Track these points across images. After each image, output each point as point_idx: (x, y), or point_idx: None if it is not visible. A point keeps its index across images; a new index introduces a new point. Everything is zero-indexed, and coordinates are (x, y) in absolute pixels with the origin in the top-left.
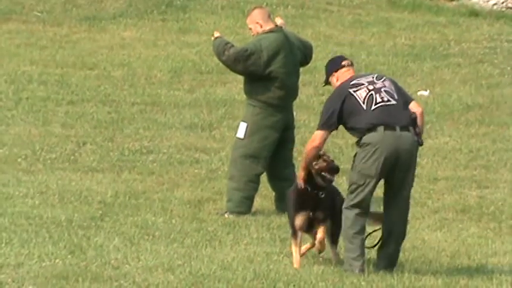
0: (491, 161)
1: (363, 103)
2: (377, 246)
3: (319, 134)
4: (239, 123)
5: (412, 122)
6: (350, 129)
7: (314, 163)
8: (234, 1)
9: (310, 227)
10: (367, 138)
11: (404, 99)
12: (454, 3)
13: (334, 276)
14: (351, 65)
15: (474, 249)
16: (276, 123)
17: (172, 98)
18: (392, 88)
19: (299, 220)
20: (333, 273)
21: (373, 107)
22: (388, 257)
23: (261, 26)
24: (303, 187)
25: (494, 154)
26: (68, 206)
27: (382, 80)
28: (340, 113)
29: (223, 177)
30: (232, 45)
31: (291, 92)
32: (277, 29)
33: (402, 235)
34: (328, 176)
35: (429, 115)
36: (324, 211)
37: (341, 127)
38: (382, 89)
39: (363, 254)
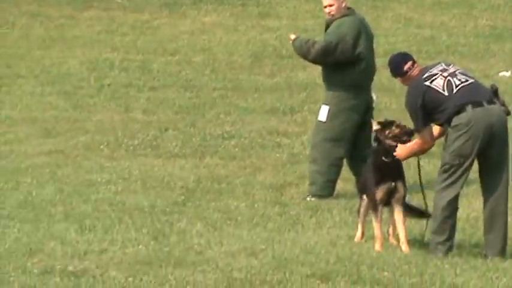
0: None
1: (443, 90)
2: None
3: (424, 134)
4: (321, 106)
5: (495, 95)
6: (437, 119)
7: (387, 132)
8: None
9: (389, 200)
10: (457, 119)
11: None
12: None
13: (417, 259)
14: (413, 64)
15: None
16: (358, 106)
17: (253, 82)
18: (465, 70)
19: (381, 192)
20: (416, 256)
21: (454, 91)
22: (496, 244)
23: (343, 4)
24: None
25: None
26: (151, 192)
27: (451, 65)
28: (425, 108)
29: (305, 161)
30: (315, 42)
31: (372, 71)
32: (351, 11)
33: (505, 216)
34: (405, 138)
35: (510, 96)
36: (403, 180)
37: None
38: (457, 72)
39: (450, 237)
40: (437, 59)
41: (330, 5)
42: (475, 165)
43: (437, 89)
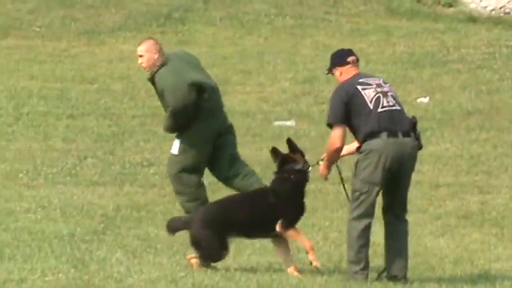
0: (493, 166)
1: (370, 103)
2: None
3: (336, 134)
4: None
5: (413, 127)
6: (353, 127)
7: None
8: (232, 12)
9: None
10: (370, 144)
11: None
12: (452, 9)
13: (337, 285)
14: (357, 61)
15: (477, 255)
16: (209, 135)
17: None
18: (396, 94)
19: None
20: (337, 282)
21: (379, 110)
22: (400, 262)
23: (157, 57)
24: (326, 180)
25: (496, 160)
26: (70, 220)
27: (388, 84)
28: (347, 108)
29: (222, 188)
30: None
31: (217, 96)
32: (165, 60)
33: (406, 235)
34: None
35: (429, 121)
36: None
37: None
38: (389, 93)
39: (367, 266)
40: None
41: (141, 56)
42: None
43: (365, 98)
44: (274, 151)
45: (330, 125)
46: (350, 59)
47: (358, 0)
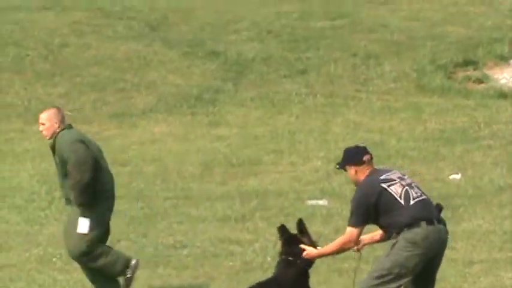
0: None
1: (400, 198)
2: None
3: (354, 233)
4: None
5: (439, 213)
6: (385, 225)
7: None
8: (263, 92)
9: None
10: (411, 233)
11: None
12: (482, 86)
13: None
14: (371, 159)
15: None
16: (110, 208)
17: (204, 191)
18: (417, 183)
19: None
20: None
21: (411, 203)
22: None
23: (59, 126)
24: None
25: None
26: None
27: (406, 176)
28: (375, 209)
29: (259, 268)
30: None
31: (111, 176)
32: (66, 125)
33: None
34: None
35: (462, 198)
36: None
37: None
38: (413, 184)
39: None
40: (387, 163)
41: (42, 124)
42: None
43: (394, 195)
44: (282, 229)
45: (352, 226)
46: (365, 158)
47: (388, 78)
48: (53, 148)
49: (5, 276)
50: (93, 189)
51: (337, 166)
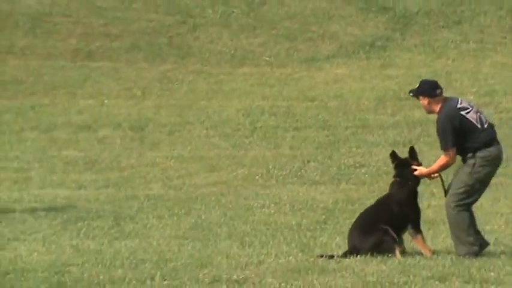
0: None
1: (477, 123)
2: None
3: (452, 153)
4: None
5: None
6: (464, 147)
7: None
8: (425, 40)
9: None
10: (487, 151)
11: None
12: None
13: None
14: (442, 93)
15: None
16: None
17: (378, 121)
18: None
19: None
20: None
21: (485, 126)
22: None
23: None
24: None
25: None
26: (297, 213)
27: (473, 103)
28: (457, 132)
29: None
30: None
31: None
32: None
33: None
34: None
35: None
36: None
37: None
38: (479, 110)
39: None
40: None
41: None
42: None
43: (472, 120)
44: (393, 155)
45: (446, 149)
46: (438, 91)
47: None
48: None
49: (217, 191)
50: None
51: (411, 94)
